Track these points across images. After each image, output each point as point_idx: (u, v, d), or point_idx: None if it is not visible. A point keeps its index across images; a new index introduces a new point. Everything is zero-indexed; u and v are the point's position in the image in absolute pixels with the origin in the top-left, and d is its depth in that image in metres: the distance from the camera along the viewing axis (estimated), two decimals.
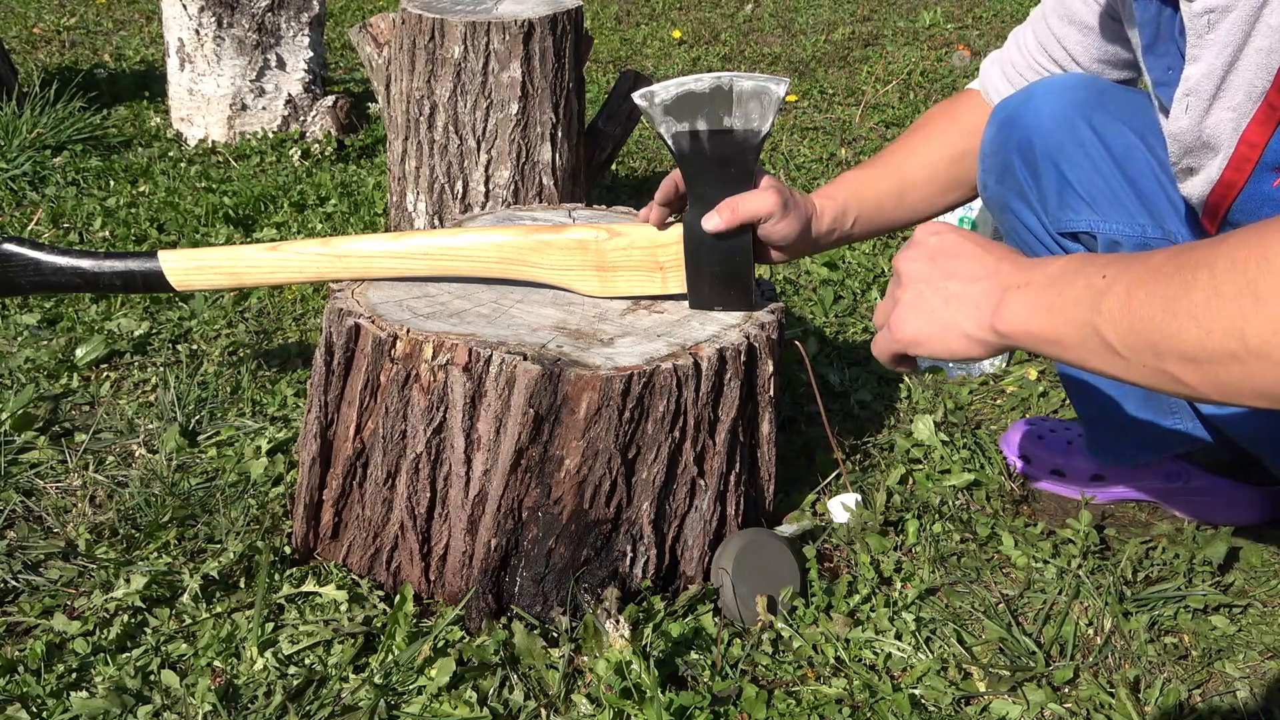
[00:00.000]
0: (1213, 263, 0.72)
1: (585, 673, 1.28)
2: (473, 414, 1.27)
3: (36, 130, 3.11)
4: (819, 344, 2.16)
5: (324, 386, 1.35)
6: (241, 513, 1.55)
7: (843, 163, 3.46)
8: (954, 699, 1.27)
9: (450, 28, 2.16)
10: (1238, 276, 0.70)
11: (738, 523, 1.42)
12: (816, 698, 1.27)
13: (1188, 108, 1.14)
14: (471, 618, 1.35)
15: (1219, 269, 0.71)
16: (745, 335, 1.35)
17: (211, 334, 2.12)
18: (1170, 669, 1.34)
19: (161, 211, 2.69)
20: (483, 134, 2.24)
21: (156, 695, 1.24)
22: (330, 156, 3.21)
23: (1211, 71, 1.10)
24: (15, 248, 1.53)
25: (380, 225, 2.65)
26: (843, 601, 1.41)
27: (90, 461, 1.68)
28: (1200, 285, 0.72)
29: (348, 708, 1.23)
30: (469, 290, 1.42)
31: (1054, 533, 1.57)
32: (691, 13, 5.62)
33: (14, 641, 1.32)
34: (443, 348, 1.26)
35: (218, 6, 3.22)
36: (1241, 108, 1.09)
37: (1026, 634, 1.39)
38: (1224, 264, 0.71)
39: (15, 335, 2.07)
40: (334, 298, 1.37)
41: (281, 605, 1.38)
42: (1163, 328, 0.76)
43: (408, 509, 1.34)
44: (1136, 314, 0.78)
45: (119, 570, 1.42)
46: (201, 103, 3.32)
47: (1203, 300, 0.72)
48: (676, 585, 1.40)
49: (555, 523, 1.31)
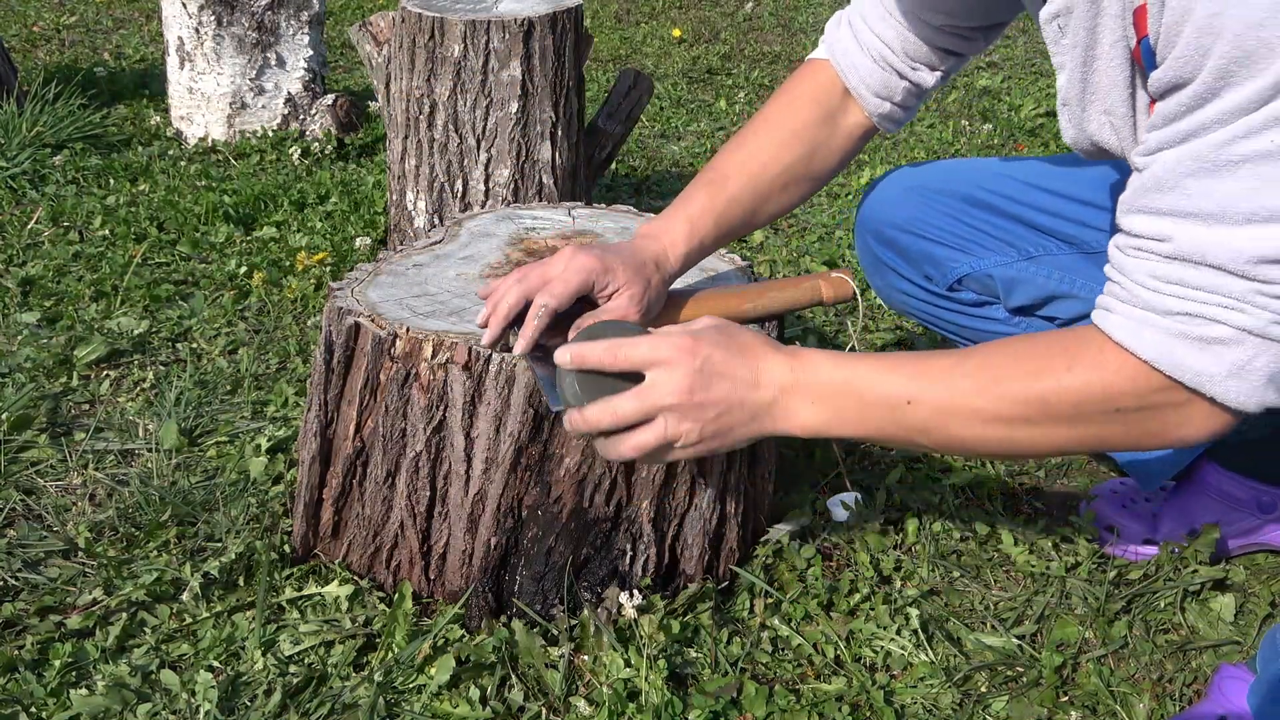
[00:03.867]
0: (1027, 405, 0.97)
1: (585, 673, 1.28)
2: (472, 413, 1.27)
3: (36, 129, 3.11)
4: (818, 343, 2.16)
5: (324, 385, 1.35)
6: (241, 511, 1.55)
7: None
8: (954, 698, 1.27)
9: (450, 26, 2.16)
10: (1050, 418, 0.96)
11: (737, 521, 1.42)
12: (816, 695, 1.27)
13: (1069, 118, 1.09)
14: (471, 616, 1.35)
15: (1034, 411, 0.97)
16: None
17: (211, 333, 2.12)
18: (1171, 666, 1.34)
19: (161, 210, 2.69)
20: (482, 132, 2.24)
21: (157, 695, 1.24)
22: (330, 155, 3.21)
23: (1074, 76, 1.05)
24: None
25: (380, 224, 2.65)
26: (843, 600, 1.41)
27: (90, 460, 1.68)
28: (1019, 428, 0.98)
29: (347, 706, 1.23)
30: (469, 289, 1.42)
31: (1055, 530, 1.57)
32: (691, 11, 5.61)
33: (14, 640, 1.32)
34: (442, 346, 1.26)
35: (217, 5, 3.22)
36: (1116, 109, 1.02)
37: (1027, 633, 1.39)
38: (1037, 407, 0.96)
39: (15, 334, 2.07)
40: (334, 296, 1.37)
41: (282, 605, 1.38)
42: (982, 446, 1.02)
43: (407, 507, 1.35)
44: (955, 438, 1.01)
45: (119, 569, 1.42)
46: (201, 101, 3.32)
47: (1024, 435, 0.98)
48: (676, 584, 1.40)
49: (555, 521, 1.31)
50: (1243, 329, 0.87)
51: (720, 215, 1.34)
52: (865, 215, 1.59)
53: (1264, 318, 0.87)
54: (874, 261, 1.61)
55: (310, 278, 2.35)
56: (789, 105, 1.40)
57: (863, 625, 1.37)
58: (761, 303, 1.36)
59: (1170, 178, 0.88)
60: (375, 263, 1.48)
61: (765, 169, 1.35)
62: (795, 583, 1.42)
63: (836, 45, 1.39)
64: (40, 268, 2.35)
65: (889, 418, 1.02)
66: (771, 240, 2.74)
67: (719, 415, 1.06)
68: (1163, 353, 0.91)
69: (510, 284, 1.23)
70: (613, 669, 1.26)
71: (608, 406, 1.05)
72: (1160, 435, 0.96)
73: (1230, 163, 0.84)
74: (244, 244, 2.56)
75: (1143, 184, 0.91)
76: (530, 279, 1.22)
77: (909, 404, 1.01)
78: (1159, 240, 0.90)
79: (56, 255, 2.41)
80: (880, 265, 1.60)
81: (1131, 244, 0.93)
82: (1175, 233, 0.88)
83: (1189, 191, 0.87)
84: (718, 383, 1.05)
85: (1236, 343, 0.88)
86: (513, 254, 1.52)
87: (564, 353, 1.07)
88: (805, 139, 1.37)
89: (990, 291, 1.53)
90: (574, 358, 1.06)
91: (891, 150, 3.36)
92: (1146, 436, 0.97)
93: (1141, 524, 1.55)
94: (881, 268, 1.60)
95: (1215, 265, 0.87)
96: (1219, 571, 1.47)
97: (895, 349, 2.17)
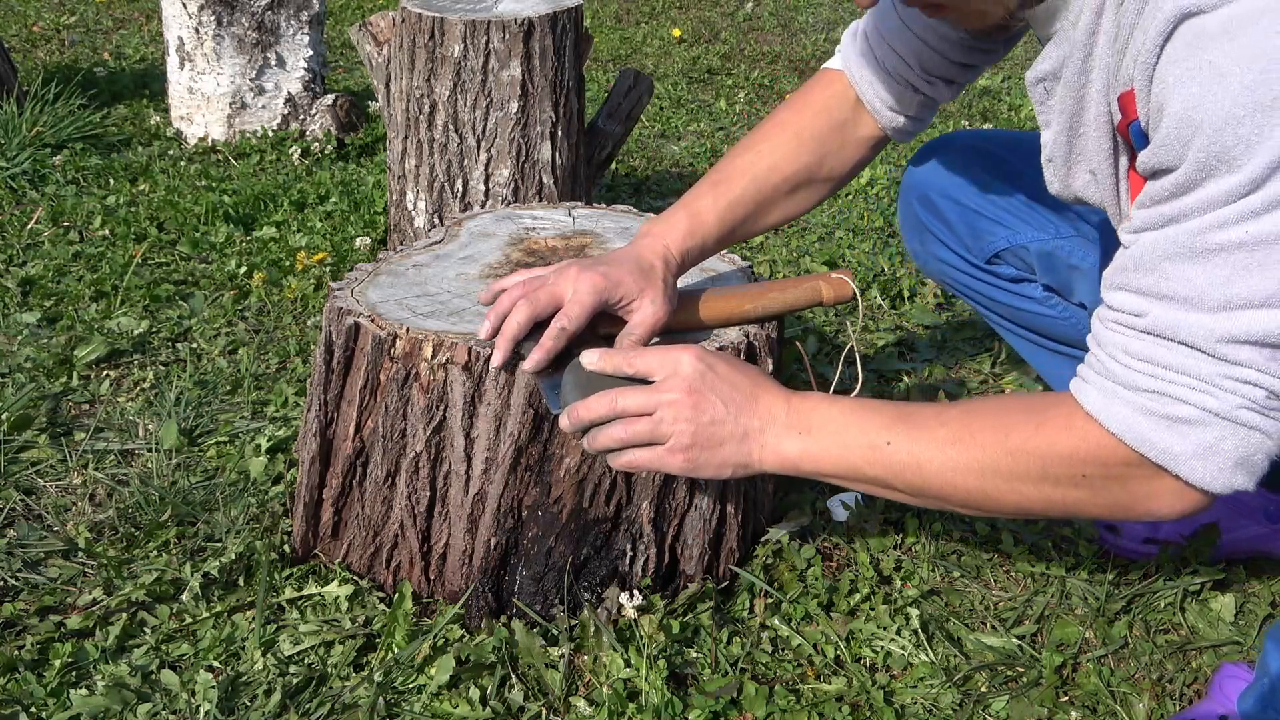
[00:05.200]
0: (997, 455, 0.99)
1: (585, 673, 1.28)
2: (472, 413, 1.27)
3: (36, 129, 3.11)
4: (818, 343, 2.16)
5: (324, 385, 1.35)
6: (241, 511, 1.54)
7: None
8: (954, 698, 1.27)
9: (450, 26, 2.16)
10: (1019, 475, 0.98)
11: (737, 521, 1.42)
12: (816, 695, 1.27)
13: (1054, 173, 1.12)
14: (471, 616, 1.35)
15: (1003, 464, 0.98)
16: (745, 334, 1.34)
17: (211, 333, 2.12)
18: (1171, 666, 1.34)
19: (161, 210, 2.69)
20: (482, 132, 2.23)
21: (157, 695, 1.24)
22: (330, 155, 3.21)
23: (1059, 138, 1.08)
24: None
25: (380, 224, 2.65)
26: (843, 600, 1.41)
27: (90, 460, 1.68)
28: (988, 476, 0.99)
29: (347, 706, 1.23)
30: (469, 289, 1.42)
31: (1055, 530, 1.57)
32: (691, 11, 5.61)
33: (14, 640, 1.32)
34: (442, 346, 1.26)
35: (217, 5, 3.21)
36: (1101, 170, 1.05)
37: (1027, 633, 1.39)
38: (1006, 460, 0.98)
39: (15, 334, 2.07)
40: (334, 296, 1.37)
41: (282, 605, 1.38)
42: (954, 496, 1.02)
43: (407, 508, 1.35)
44: (928, 482, 1.03)
45: (119, 569, 1.42)
46: (201, 101, 3.32)
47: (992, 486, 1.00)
48: (676, 584, 1.40)
49: (555, 521, 1.31)
50: (1209, 411, 0.88)
51: (723, 214, 1.33)
52: (914, 178, 1.57)
53: (1231, 401, 0.88)
54: (916, 225, 1.59)
55: (310, 278, 2.35)
56: (799, 112, 1.40)
57: (863, 625, 1.37)
58: (762, 303, 1.36)
59: (1150, 259, 0.90)
60: (375, 263, 1.48)
61: (771, 172, 1.35)
62: (795, 583, 1.42)
63: (850, 57, 1.38)
64: (40, 268, 2.35)
65: (868, 456, 1.05)
66: (771, 240, 2.74)
67: (712, 422, 1.08)
68: (1129, 426, 0.92)
69: (515, 299, 1.23)
70: (613, 669, 1.26)
71: (609, 396, 1.10)
72: (1129, 508, 0.97)
73: (1206, 250, 0.86)
74: (244, 244, 2.56)
75: (1125, 262, 0.94)
76: (539, 299, 1.22)
77: (888, 444, 1.03)
78: (1135, 315, 0.92)
79: (56, 255, 2.41)
80: (923, 230, 1.58)
81: (1110, 317, 0.95)
82: (1151, 309, 0.91)
83: (1166, 274, 0.89)
84: (719, 387, 1.09)
85: (1202, 424, 0.89)
86: (513, 254, 1.52)
87: (592, 354, 1.14)
88: (814, 145, 1.37)
89: (1028, 267, 1.53)
90: (601, 358, 1.14)
91: (891, 149, 3.36)
92: (1117, 507, 0.98)
93: (1142, 523, 1.55)
94: (923, 233, 1.58)
95: (1186, 343, 0.89)
96: (1219, 571, 1.47)
97: (895, 349, 2.17)
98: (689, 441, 1.08)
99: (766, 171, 1.35)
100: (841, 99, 1.38)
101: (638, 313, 1.24)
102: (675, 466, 1.10)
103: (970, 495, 1.02)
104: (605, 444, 1.11)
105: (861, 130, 1.39)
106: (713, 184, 1.35)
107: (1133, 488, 0.95)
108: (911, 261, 2.54)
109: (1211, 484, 0.91)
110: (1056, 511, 1.01)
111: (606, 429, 1.11)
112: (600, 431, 1.11)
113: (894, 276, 2.47)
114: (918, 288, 2.42)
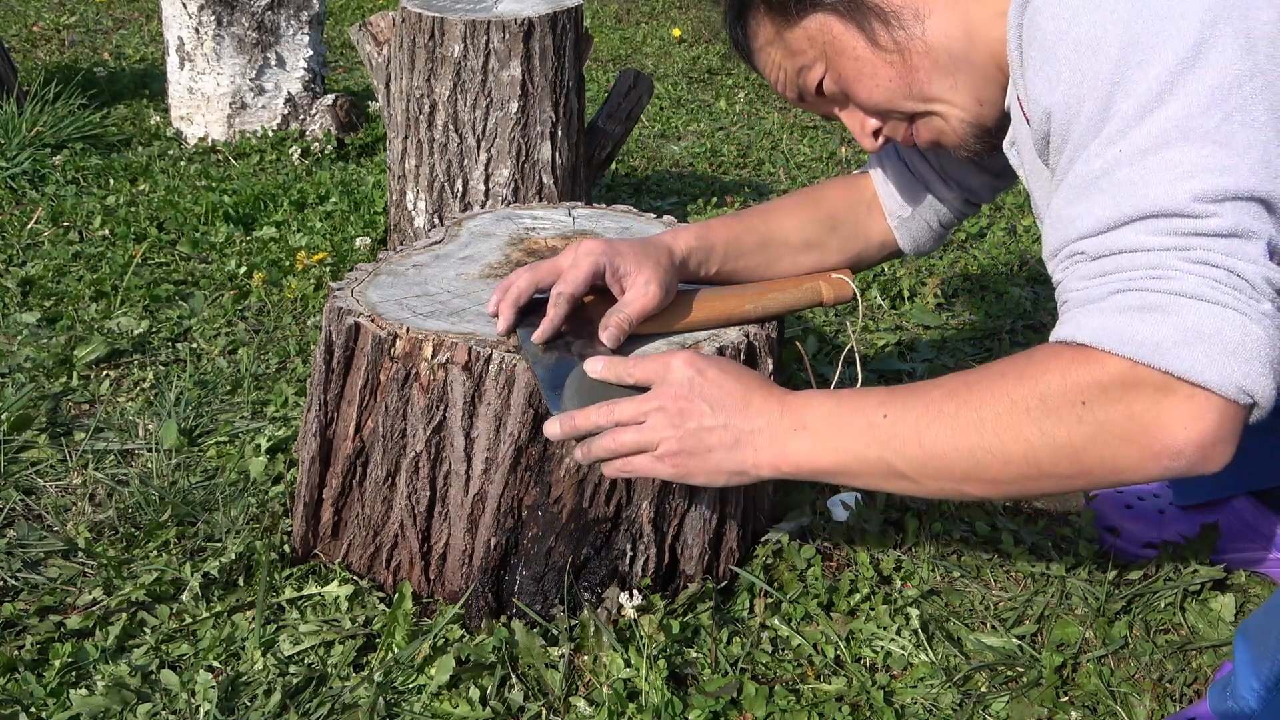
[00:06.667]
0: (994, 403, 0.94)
1: (585, 673, 1.28)
2: (472, 413, 1.28)
3: (36, 129, 3.11)
4: (818, 343, 2.16)
5: (324, 385, 1.35)
6: (241, 511, 1.55)
7: (842, 161, 3.46)
8: (954, 698, 1.27)
9: (450, 26, 2.16)
10: (1019, 416, 0.93)
11: (737, 521, 1.42)
12: (816, 695, 1.27)
13: (1047, 229, 1.11)
14: (471, 616, 1.35)
15: (1001, 408, 0.94)
16: (744, 333, 1.34)
17: (211, 333, 2.12)
18: (1171, 666, 1.34)
19: (161, 210, 2.69)
20: (482, 132, 2.24)
21: (157, 695, 1.24)
22: (330, 155, 3.21)
23: (1041, 196, 1.14)
24: None
25: (380, 224, 2.65)
26: (843, 600, 1.41)
27: (90, 460, 1.68)
28: (988, 425, 0.94)
29: (347, 706, 1.23)
30: (469, 289, 1.42)
31: (1055, 530, 1.57)
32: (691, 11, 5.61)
33: (14, 640, 1.32)
34: (442, 346, 1.26)
35: (217, 5, 3.22)
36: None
37: (1027, 633, 1.39)
38: (1004, 403, 0.93)
39: (15, 334, 2.07)
40: (334, 296, 1.37)
41: (281, 605, 1.38)
42: (958, 462, 0.97)
43: (407, 508, 1.35)
44: (929, 450, 0.98)
45: (119, 569, 1.42)
46: (201, 101, 3.32)
47: (993, 436, 0.94)
48: (676, 584, 1.40)
49: (555, 521, 1.31)
50: (1175, 293, 0.87)
51: (732, 236, 1.39)
52: None
53: (1192, 281, 0.87)
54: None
55: (310, 278, 2.35)
56: (821, 187, 1.52)
57: (863, 625, 1.37)
58: (762, 303, 1.36)
59: (1061, 219, 0.97)
60: (375, 263, 1.48)
61: (786, 218, 1.44)
62: (795, 583, 1.42)
63: (873, 159, 1.49)
64: (40, 268, 2.35)
65: (868, 436, 1.02)
66: None
67: (699, 428, 1.09)
68: (1106, 329, 0.89)
69: (520, 273, 1.29)
70: (613, 669, 1.26)
71: (605, 407, 1.12)
72: (1144, 444, 0.88)
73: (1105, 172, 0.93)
74: (244, 244, 2.56)
75: (1047, 236, 1.00)
76: (541, 269, 1.28)
77: (885, 418, 1.01)
78: (1078, 254, 0.95)
79: (56, 255, 2.41)
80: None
81: (1060, 266, 0.99)
82: (1086, 247, 0.94)
83: (1084, 212, 0.94)
84: (708, 391, 1.09)
85: (1176, 310, 0.86)
86: (513, 254, 1.52)
87: (596, 363, 1.17)
88: (829, 210, 1.47)
89: None
90: (605, 366, 1.16)
91: None
92: (1129, 445, 0.89)
93: (1143, 526, 1.55)
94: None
95: (1131, 248, 0.91)
96: (1219, 571, 1.47)
97: (895, 349, 2.17)
98: (675, 448, 1.09)
99: (780, 217, 1.43)
100: (864, 186, 1.49)
101: (631, 289, 1.26)
102: (664, 473, 1.11)
103: (974, 455, 0.96)
104: (598, 453, 1.13)
105: (874, 227, 1.48)
106: (727, 216, 1.45)
107: (1138, 412, 0.88)
108: (911, 261, 2.54)
109: (1213, 378, 0.84)
110: (1066, 467, 0.92)
111: (598, 438, 1.12)
112: (592, 440, 1.13)
113: (894, 276, 2.47)
114: (918, 288, 2.42)
